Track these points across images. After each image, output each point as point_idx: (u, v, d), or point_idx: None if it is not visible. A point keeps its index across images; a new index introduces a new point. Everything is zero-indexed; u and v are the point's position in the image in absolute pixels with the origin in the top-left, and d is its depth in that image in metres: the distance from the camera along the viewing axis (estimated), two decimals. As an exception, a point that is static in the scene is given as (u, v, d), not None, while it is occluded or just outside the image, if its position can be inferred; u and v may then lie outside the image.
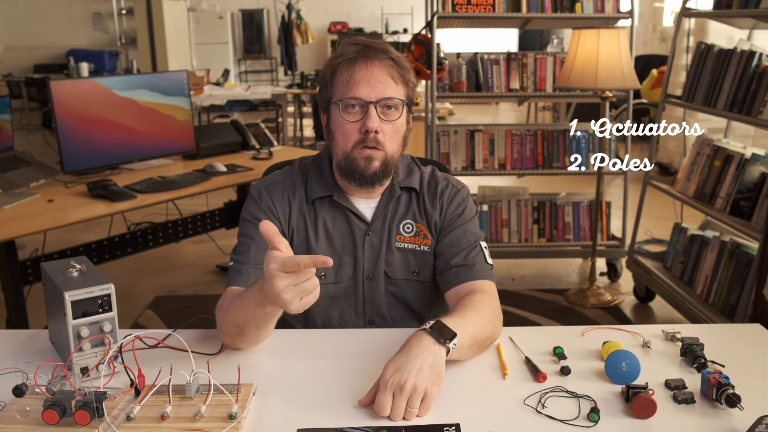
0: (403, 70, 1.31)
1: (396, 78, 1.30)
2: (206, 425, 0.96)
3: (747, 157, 2.66)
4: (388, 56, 1.30)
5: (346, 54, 1.29)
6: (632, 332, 1.29)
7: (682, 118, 3.76)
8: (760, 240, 2.30)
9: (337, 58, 1.31)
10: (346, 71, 1.28)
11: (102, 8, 10.96)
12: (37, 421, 0.96)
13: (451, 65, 3.59)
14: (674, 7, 7.68)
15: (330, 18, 11.26)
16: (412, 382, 0.99)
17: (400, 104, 1.30)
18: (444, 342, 1.06)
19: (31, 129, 8.56)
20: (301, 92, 6.80)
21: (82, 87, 2.70)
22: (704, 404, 1.04)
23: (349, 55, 1.29)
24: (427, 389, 0.99)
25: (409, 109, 1.35)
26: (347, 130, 1.29)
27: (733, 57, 2.73)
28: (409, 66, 1.33)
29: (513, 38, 11.14)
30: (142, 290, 3.51)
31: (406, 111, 1.33)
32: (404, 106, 1.31)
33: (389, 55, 1.30)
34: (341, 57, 1.30)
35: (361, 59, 1.28)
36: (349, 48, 1.30)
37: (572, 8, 3.48)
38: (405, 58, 1.34)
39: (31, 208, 2.33)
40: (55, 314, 1.15)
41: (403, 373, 0.99)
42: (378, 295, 1.39)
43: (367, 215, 1.38)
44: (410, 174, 1.42)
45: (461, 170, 3.58)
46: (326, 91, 1.33)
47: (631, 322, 3.13)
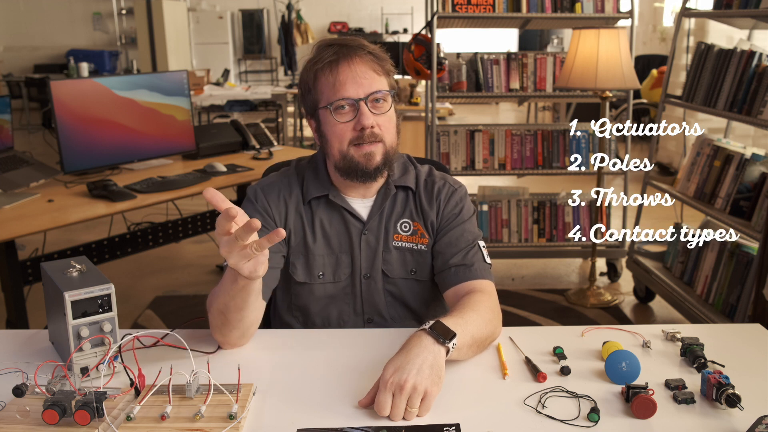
0: (382, 62, 1.32)
1: (378, 70, 1.31)
2: (206, 425, 0.96)
3: (747, 157, 2.66)
4: (366, 51, 1.31)
5: (325, 57, 1.29)
6: (632, 332, 1.29)
7: (682, 118, 3.77)
8: (760, 240, 2.30)
9: (316, 63, 1.30)
10: (330, 74, 1.28)
11: (102, 8, 10.95)
12: (37, 421, 0.96)
13: (451, 65, 3.59)
14: (674, 7, 7.67)
15: (330, 18, 11.25)
16: (411, 382, 0.99)
17: (387, 95, 1.31)
18: (444, 342, 1.06)
19: (31, 129, 8.56)
20: (301, 92, 6.79)
21: (82, 87, 2.70)
22: (704, 404, 1.04)
23: (329, 58, 1.29)
24: (427, 389, 0.99)
25: (395, 98, 1.36)
26: (341, 131, 1.30)
27: (733, 57, 2.73)
28: (386, 56, 1.34)
29: (513, 38, 11.13)
30: (142, 290, 3.51)
31: (392, 100, 1.34)
32: (391, 96, 1.33)
33: (367, 49, 1.31)
34: (321, 61, 1.30)
35: (342, 59, 1.28)
36: (326, 50, 1.30)
37: (572, 8, 3.48)
38: (380, 49, 1.34)
39: (31, 208, 2.33)
40: (55, 314, 1.15)
41: (402, 373, 1.00)
42: (376, 294, 1.39)
43: (363, 214, 1.39)
44: (405, 173, 1.42)
45: (461, 170, 3.58)
46: (310, 96, 1.33)
47: (631, 322, 3.13)
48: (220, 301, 1.16)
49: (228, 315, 1.16)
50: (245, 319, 1.19)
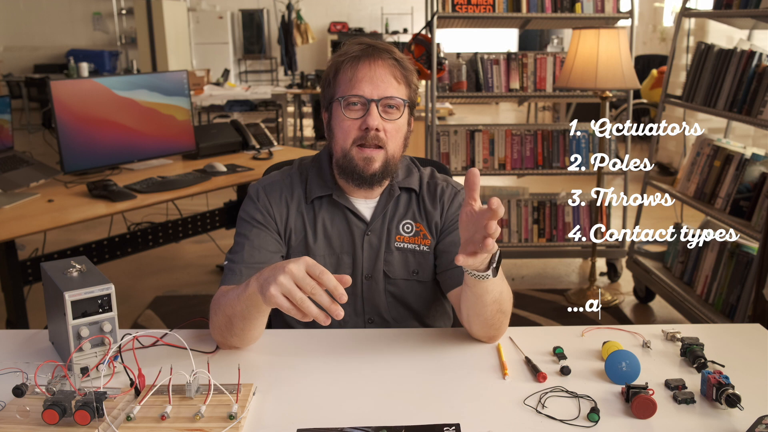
0: (406, 71, 1.32)
1: (398, 78, 1.31)
2: (206, 425, 0.96)
3: (747, 157, 2.66)
4: (391, 56, 1.31)
5: (350, 52, 1.31)
6: (632, 332, 1.29)
7: (682, 118, 3.77)
8: (760, 240, 2.30)
9: (341, 56, 1.32)
10: (350, 69, 1.29)
11: (102, 8, 10.95)
12: (37, 421, 0.96)
13: (451, 65, 3.59)
14: (674, 7, 7.67)
15: (330, 18, 11.26)
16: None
17: (402, 104, 1.31)
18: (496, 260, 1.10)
19: (31, 129, 8.56)
20: (301, 92, 6.80)
21: (82, 87, 2.70)
22: (704, 404, 1.04)
23: (353, 53, 1.30)
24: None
25: (411, 111, 1.35)
26: (347, 127, 1.30)
27: (733, 57, 2.73)
28: (412, 68, 1.34)
29: (513, 38, 11.13)
30: (142, 290, 3.51)
31: (407, 112, 1.34)
32: (405, 107, 1.32)
33: (393, 55, 1.31)
34: (345, 55, 1.31)
35: (364, 58, 1.29)
36: (354, 47, 1.31)
37: (572, 8, 3.48)
38: (408, 60, 1.35)
39: (31, 208, 2.33)
40: (55, 314, 1.15)
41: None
42: (377, 295, 1.39)
43: (366, 215, 1.39)
44: (409, 175, 1.42)
45: (461, 170, 3.58)
46: (329, 89, 1.34)
47: (631, 322, 3.13)
48: (228, 305, 1.15)
49: (233, 320, 1.16)
50: (248, 330, 1.18)
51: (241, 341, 1.20)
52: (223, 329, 1.18)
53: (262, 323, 1.19)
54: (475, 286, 1.14)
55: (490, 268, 1.10)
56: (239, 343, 1.21)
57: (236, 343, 1.21)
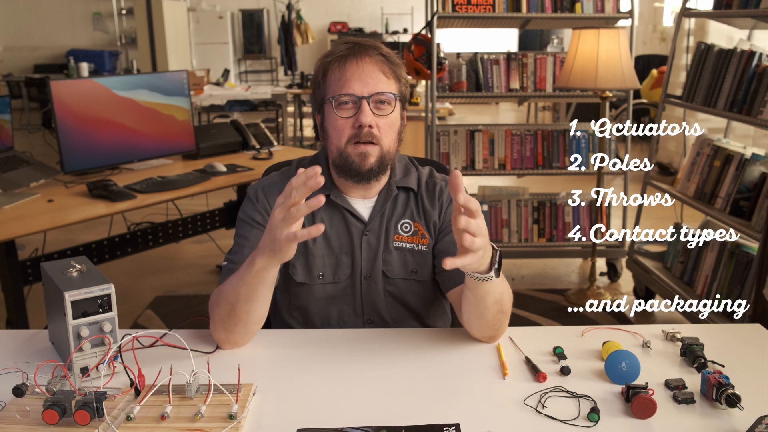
0: (394, 66, 1.32)
1: (387, 73, 1.31)
2: (206, 425, 0.96)
3: (747, 157, 2.66)
4: (378, 52, 1.31)
5: (336, 52, 1.31)
6: (632, 332, 1.29)
7: (682, 118, 3.77)
8: (760, 240, 2.30)
9: (328, 57, 1.32)
10: (338, 69, 1.29)
11: (102, 8, 10.95)
12: (37, 421, 0.96)
13: (451, 65, 3.59)
14: (674, 7, 7.67)
15: (330, 18, 11.26)
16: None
17: (393, 99, 1.31)
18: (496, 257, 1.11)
19: (31, 129, 8.56)
20: (301, 92, 6.80)
21: (82, 87, 2.70)
22: (704, 404, 1.04)
23: (340, 53, 1.30)
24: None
25: (403, 105, 1.35)
26: (340, 126, 1.30)
27: (733, 57, 2.73)
28: (399, 62, 1.34)
29: (513, 38, 11.13)
30: (142, 290, 3.51)
31: (399, 106, 1.34)
32: (397, 101, 1.32)
33: (380, 51, 1.31)
34: (332, 55, 1.31)
35: (351, 56, 1.29)
36: (340, 47, 1.32)
37: (572, 8, 3.48)
38: (396, 55, 1.35)
39: (31, 208, 2.33)
40: (55, 314, 1.15)
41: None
42: (376, 295, 1.39)
43: (364, 215, 1.39)
44: (407, 174, 1.42)
45: (461, 170, 3.58)
46: (319, 91, 1.34)
47: (631, 322, 3.13)
48: (231, 291, 1.17)
49: (237, 306, 1.16)
50: (253, 312, 1.18)
51: (245, 328, 1.20)
52: (226, 320, 1.18)
53: (266, 302, 1.20)
54: (476, 288, 1.14)
55: (491, 269, 1.10)
56: (243, 331, 1.21)
57: (240, 333, 1.21)
